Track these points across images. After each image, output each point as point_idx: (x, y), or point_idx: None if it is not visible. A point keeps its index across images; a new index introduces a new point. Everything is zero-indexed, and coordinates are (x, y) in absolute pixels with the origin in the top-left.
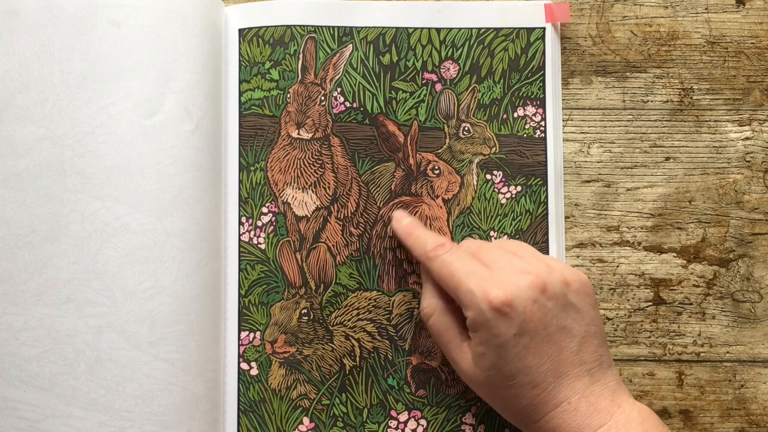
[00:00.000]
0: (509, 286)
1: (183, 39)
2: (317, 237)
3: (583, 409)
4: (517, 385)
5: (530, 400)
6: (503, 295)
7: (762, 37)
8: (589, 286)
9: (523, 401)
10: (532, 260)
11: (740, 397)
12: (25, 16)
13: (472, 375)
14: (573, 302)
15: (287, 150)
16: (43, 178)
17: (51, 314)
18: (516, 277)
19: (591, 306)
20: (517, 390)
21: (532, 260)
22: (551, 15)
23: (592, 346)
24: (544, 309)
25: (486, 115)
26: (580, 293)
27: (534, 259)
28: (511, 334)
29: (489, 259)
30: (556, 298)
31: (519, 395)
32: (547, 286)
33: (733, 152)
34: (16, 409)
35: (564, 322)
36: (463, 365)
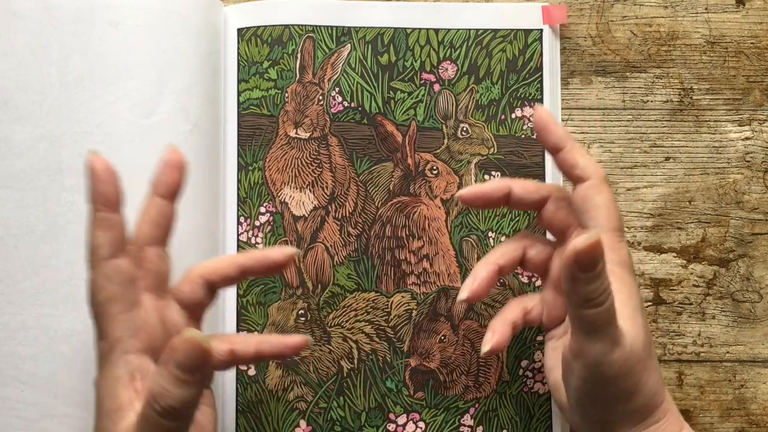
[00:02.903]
0: None
1: (181, 39)
2: (315, 237)
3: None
4: (653, 353)
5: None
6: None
7: (762, 37)
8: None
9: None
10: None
11: (740, 397)
12: (24, 16)
13: (634, 348)
14: None
15: (285, 149)
16: (41, 178)
17: (48, 314)
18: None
19: None
20: (654, 361)
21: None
22: (549, 17)
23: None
24: None
25: (484, 115)
26: None
27: None
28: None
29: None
30: None
31: (656, 367)
32: None
33: (733, 152)
34: (13, 409)
35: None
36: (626, 343)
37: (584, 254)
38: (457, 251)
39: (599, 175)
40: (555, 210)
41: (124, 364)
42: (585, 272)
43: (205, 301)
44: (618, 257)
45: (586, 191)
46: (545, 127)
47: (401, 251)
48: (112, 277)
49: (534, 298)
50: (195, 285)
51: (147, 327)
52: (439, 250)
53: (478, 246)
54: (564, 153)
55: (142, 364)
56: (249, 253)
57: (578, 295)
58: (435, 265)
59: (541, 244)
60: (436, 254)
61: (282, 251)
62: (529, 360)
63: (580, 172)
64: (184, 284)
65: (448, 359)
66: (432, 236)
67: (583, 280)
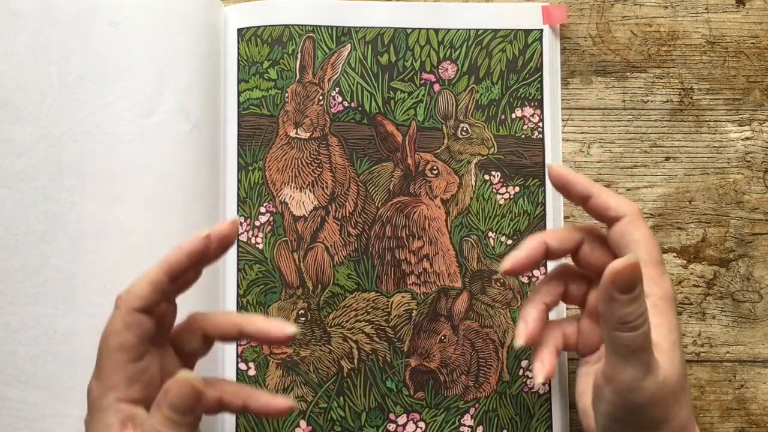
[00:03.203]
0: None
1: (182, 39)
2: (315, 237)
3: None
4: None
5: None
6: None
7: (762, 37)
8: None
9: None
10: None
11: (740, 397)
12: (24, 16)
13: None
14: None
15: (285, 149)
16: (41, 178)
17: (49, 314)
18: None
19: None
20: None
21: None
22: (549, 17)
23: None
24: None
25: (484, 115)
26: None
27: None
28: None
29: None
30: None
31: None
32: None
33: (733, 152)
34: (13, 409)
35: None
36: (660, 373)
37: (622, 275)
38: (457, 251)
39: (634, 211)
40: (591, 251)
41: (116, 411)
42: (622, 294)
43: (200, 351)
44: (661, 291)
45: (623, 228)
46: (566, 182)
47: (401, 251)
48: (132, 328)
49: (571, 323)
50: (193, 336)
51: (145, 377)
52: (439, 250)
53: (478, 246)
54: (594, 199)
55: (134, 413)
56: (251, 319)
57: (614, 316)
58: (435, 265)
59: (580, 278)
60: (436, 254)
61: (282, 330)
62: (529, 360)
63: (614, 212)
64: (183, 334)
65: (448, 359)
66: (432, 236)
67: (620, 302)
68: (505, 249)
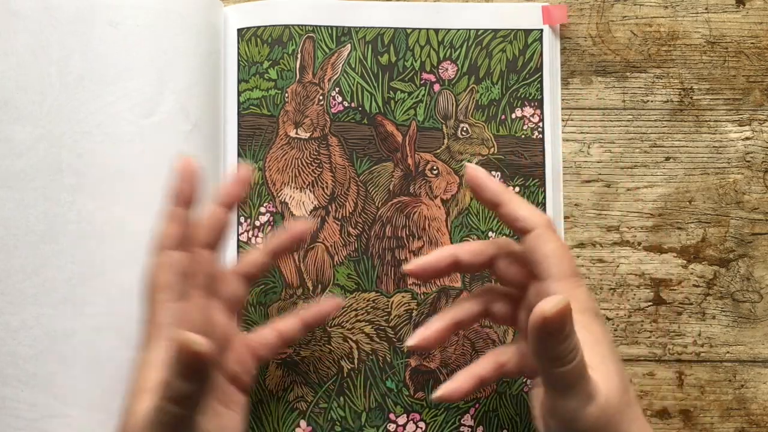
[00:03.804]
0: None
1: (182, 39)
2: (315, 237)
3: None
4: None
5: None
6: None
7: (762, 37)
8: None
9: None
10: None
11: (740, 397)
12: (24, 16)
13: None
14: None
15: (285, 149)
16: (41, 178)
17: (48, 314)
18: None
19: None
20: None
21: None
22: (549, 17)
23: None
24: None
25: (484, 115)
26: None
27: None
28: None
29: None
30: None
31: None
32: None
33: (733, 152)
34: (13, 409)
35: None
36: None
37: (551, 320)
38: None
39: (543, 223)
40: (507, 266)
41: (161, 349)
42: (554, 336)
43: (242, 294)
44: (578, 304)
45: (533, 242)
46: (478, 185)
47: (401, 251)
48: (168, 266)
49: (509, 350)
50: (235, 282)
51: (190, 320)
52: None
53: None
54: (503, 208)
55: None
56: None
57: (547, 356)
58: None
59: (505, 299)
60: None
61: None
62: None
63: (522, 223)
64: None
65: (448, 359)
66: (432, 236)
67: (552, 343)
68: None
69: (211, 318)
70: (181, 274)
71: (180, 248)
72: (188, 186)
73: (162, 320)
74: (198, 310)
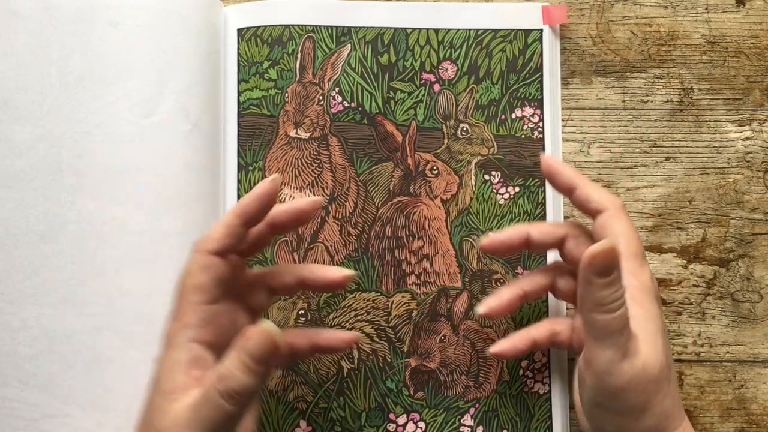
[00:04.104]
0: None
1: (182, 39)
2: (315, 237)
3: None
4: (673, 378)
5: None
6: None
7: (762, 37)
8: None
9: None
10: None
11: (740, 397)
12: (24, 16)
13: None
14: None
15: (285, 149)
16: (41, 178)
17: (48, 314)
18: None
19: None
20: (673, 386)
21: None
22: (549, 17)
23: None
24: None
25: (484, 115)
26: None
27: None
28: (664, 321)
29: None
30: None
31: (674, 392)
32: None
33: (733, 152)
34: (13, 409)
35: None
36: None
37: (599, 258)
38: (457, 251)
39: (616, 205)
40: (575, 246)
41: (188, 350)
42: (599, 277)
43: (266, 304)
44: (638, 283)
45: (605, 221)
46: (554, 173)
47: (401, 251)
48: (208, 270)
49: (564, 321)
50: (259, 291)
51: (217, 323)
52: (439, 250)
53: (478, 246)
54: (578, 191)
55: (203, 355)
56: (309, 268)
57: (591, 299)
58: (435, 265)
59: (570, 275)
60: (436, 254)
61: (340, 273)
62: (529, 360)
63: (596, 205)
64: (250, 289)
65: (448, 359)
66: (432, 236)
67: (597, 285)
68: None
69: (236, 324)
70: (217, 280)
71: (220, 255)
72: (256, 206)
73: (191, 321)
74: (226, 315)
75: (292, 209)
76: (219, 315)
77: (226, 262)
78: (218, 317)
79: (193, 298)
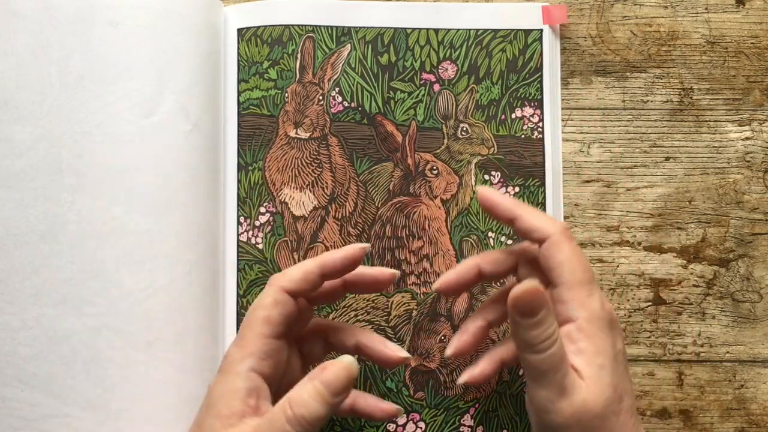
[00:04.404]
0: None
1: (182, 39)
2: (315, 237)
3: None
4: (624, 410)
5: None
6: (611, 307)
7: (762, 37)
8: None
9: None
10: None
11: (740, 397)
12: (24, 16)
13: (589, 404)
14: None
15: (285, 149)
16: (41, 178)
17: (48, 314)
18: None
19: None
20: (624, 417)
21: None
22: (549, 17)
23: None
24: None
25: (484, 115)
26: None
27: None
28: (620, 347)
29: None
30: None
31: (625, 424)
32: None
33: (733, 152)
34: (13, 409)
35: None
36: (577, 397)
37: (521, 300)
38: (457, 251)
39: (558, 231)
40: (528, 273)
41: (248, 379)
42: (524, 318)
43: (320, 355)
44: (587, 313)
45: (548, 250)
46: (492, 205)
47: (401, 251)
48: (279, 306)
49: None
50: (317, 341)
51: (277, 359)
52: (439, 250)
53: (478, 246)
54: (518, 221)
55: (261, 386)
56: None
57: (520, 340)
58: (435, 265)
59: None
60: (436, 254)
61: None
62: None
63: (538, 234)
64: (308, 337)
65: (448, 359)
66: (432, 236)
67: (524, 327)
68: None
69: (291, 365)
70: (285, 316)
71: (292, 295)
72: (339, 265)
73: (254, 351)
74: (285, 353)
75: (370, 277)
76: (279, 351)
77: (296, 304)
78: (278, 353)
79: (261, 330)
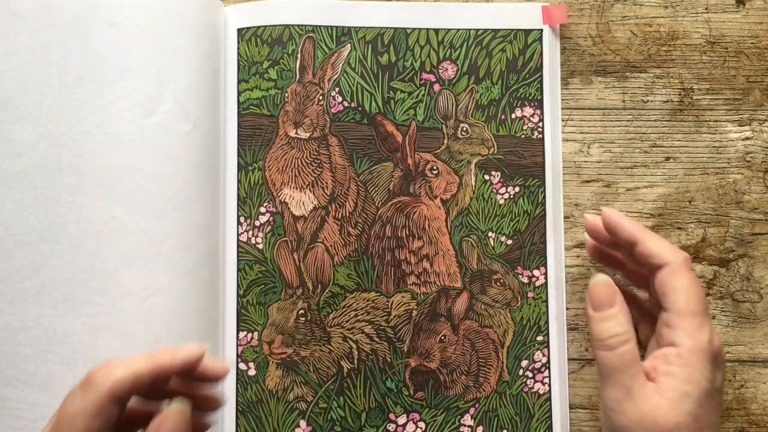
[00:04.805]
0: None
1: (182, 39)
2: (315, 237)
3: None
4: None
5: None
6: (720, 343)
7: (762, 37)
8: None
9: None
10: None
11: (740, 397)
12: (24, 16)
13: (657, 417)
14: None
15: (285, 149)
16: (41, 178)
17: (48, 314)
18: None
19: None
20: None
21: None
22: (549, 17)
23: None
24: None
25: (484, 115)
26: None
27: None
28: (718, 385)
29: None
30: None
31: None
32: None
33: (733, 152)
34: (13, 409)
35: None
36: (645, 404)
37: (593, 291)
38: (457, 251)
39: (677, 260)
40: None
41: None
42: (594, 310)
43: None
44: (693, 343)
45: (664, 277)
46: (617, 228)
47: (401, 251)
48: (103, 416)
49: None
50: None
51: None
52: (439, 250)
53: (478, 246)
54: (639, 246)
55: None
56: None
57: (592, 333)
58: (435, 265)
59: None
60: (436, 254)
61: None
62: (529, 360)
63: (657, 260)
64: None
65: (448, 359)
66: (432, 236)
67: (593, 319)
68: (505, 249)
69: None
70: (107, 425)
71: (116, 402)
72: (177, 369)
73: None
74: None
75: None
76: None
77: (120, 409)
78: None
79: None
